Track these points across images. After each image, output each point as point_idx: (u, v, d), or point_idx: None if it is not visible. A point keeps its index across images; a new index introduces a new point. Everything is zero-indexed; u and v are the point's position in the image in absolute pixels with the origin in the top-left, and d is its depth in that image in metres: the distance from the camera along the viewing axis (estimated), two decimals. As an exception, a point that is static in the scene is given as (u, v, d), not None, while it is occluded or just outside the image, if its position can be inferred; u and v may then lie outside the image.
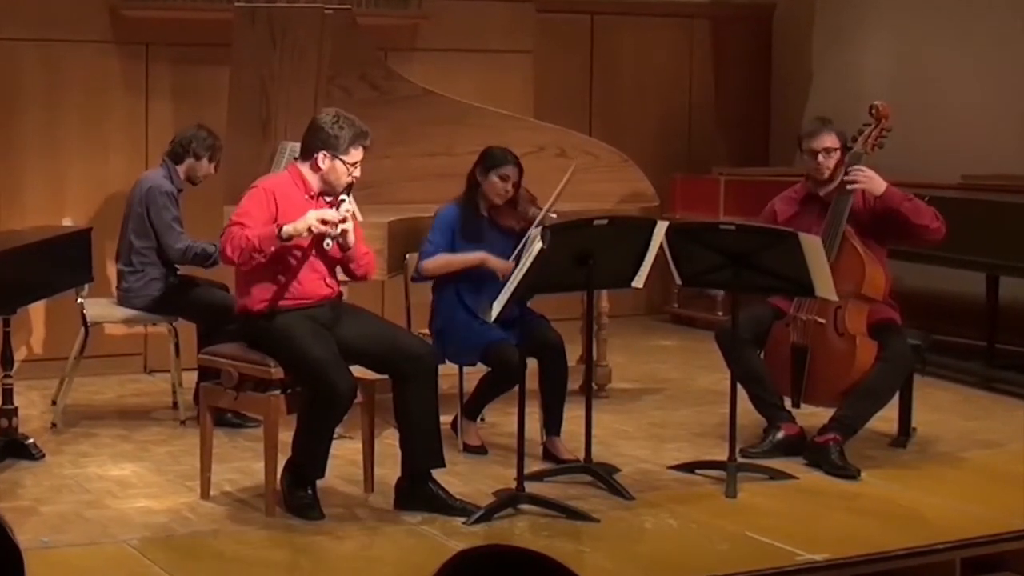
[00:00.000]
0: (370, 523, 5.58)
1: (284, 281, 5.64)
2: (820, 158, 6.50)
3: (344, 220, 5.57)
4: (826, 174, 6.51)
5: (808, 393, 6.48)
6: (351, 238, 5.63)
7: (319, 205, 5.67)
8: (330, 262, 5.76)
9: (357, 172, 5.68)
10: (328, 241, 5.56)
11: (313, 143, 5.66)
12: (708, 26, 10.76)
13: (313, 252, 5.66)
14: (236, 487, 6.02)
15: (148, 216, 7.04)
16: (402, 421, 5.72)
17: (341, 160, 5.63)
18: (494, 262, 6.40)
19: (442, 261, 6.48)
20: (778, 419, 6.52)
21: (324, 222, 5.52)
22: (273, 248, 5.51)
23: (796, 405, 6.55)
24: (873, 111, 6.62)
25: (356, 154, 5.65)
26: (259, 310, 5.65)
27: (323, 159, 5.63)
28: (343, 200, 5.62)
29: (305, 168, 5.69)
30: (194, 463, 6.04)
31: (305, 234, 5.54)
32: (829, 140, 6.52)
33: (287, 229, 5.50)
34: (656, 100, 10.52)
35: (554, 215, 6.50)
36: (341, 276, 5.90)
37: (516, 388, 5.82)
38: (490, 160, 6.55)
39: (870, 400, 6.37)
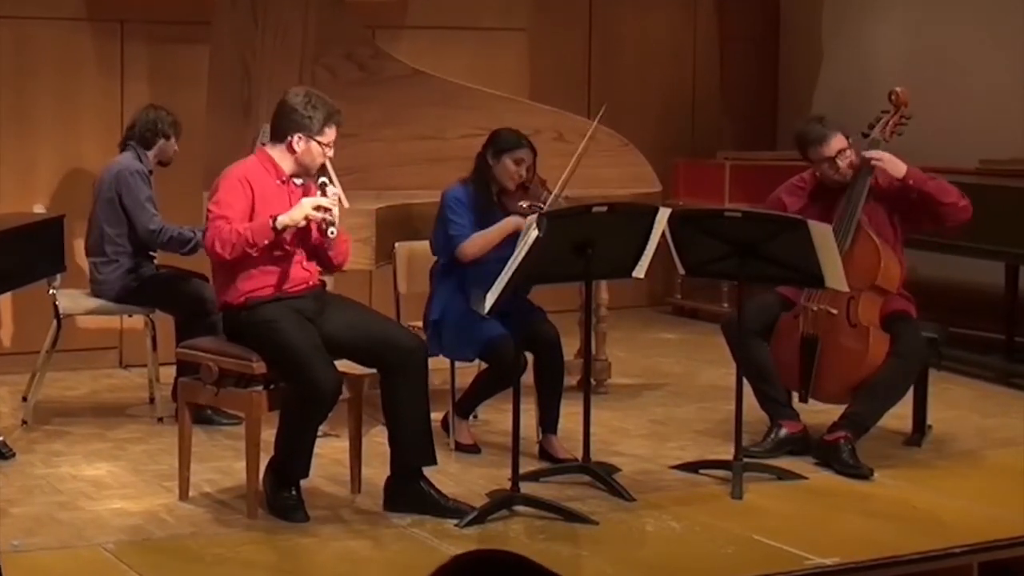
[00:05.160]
0: (357, 525, 5.59)
1: (265, 272, 5.64)
2: (839, 162, 6.47)
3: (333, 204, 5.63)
4: (848, 176, 6.48)
5: (817, 387, 6.49)
6: (337, 223, 5.67)
7: (291, 189, 5.71)
8: (309, 248, 5.78)
9: (331, 152, 5.73)
10: (332, 229, 5.60)
11: (286, 125, 5.68)
12: (713, 2, 10.76)
13: (295, 241, 5.68)
14: (216, 488, 6.02)
15: (120, 200, 7.03)
16: (391, 417, 5.73)
17: (316, 141, 5.66)
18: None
19: (482, 239, 6.39)
20: (781, 416, 6.53)
21: (319, 208, 5.56)
22: (267, 241, 5.54)
23: (803, 400, 6.56)
24: (892, 97, 6.62)
25: (330, 134, 5.69)
26: (242, 301, 5.66)
27: (298, 141, 5.66)
28: (324, 183, 5.66)
29: (277, 152, 5.71)
30: (172, 462, 6.04)
31: (301, 223, 5.57)
32: (838, 142, 6.47)
33: (282, 220, 5.53)
34: (658, 81, 10.52)
35: (563, 200, 6.52)
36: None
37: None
38: (502, 143, 6.50)
39: (882, 397, 6.38)
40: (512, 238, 6.31)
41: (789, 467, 6.26)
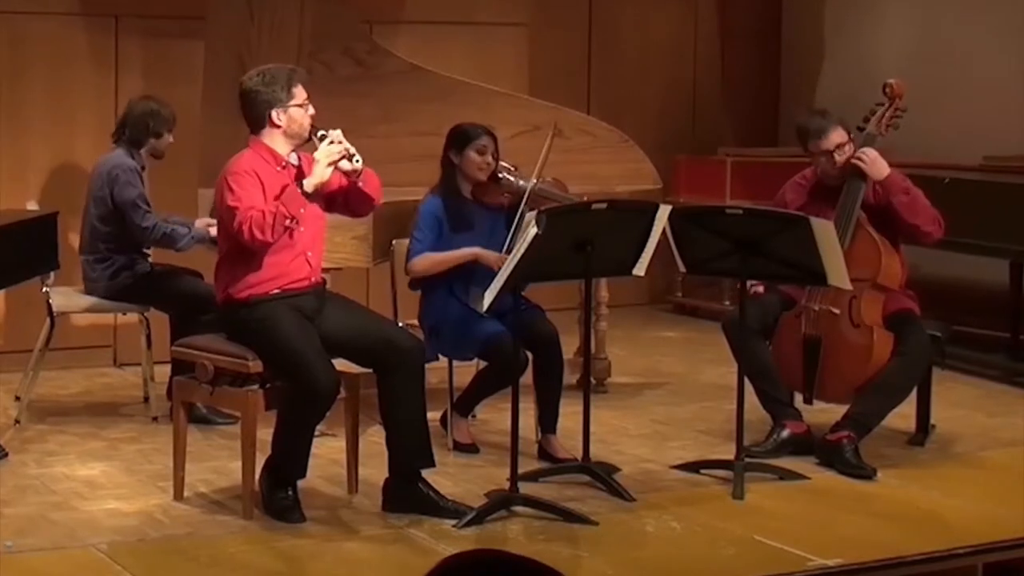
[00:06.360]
0: (354, 526, 5.58)
1: (271, 266, 5.64)
2: (836, 156, 6.47)
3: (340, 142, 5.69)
4: (846, 172, 6.47)
5: (821, 388, 6.48)
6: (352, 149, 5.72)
7: (289, 172, 5.74)
8: (340, 199, 5.80)
9: (311, 109, 5.77)
10: (357, 157, 5.67)
11: (259, 111, 5.72)
12: (714, -2, 10.77)
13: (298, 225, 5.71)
14: (211, 488, 6.02)
15: (112, 197, 7.01)
16: (388, 419, 5.72)
17: (293, 107, 5.70)
18: (488, 257, 6.32)
19: (430, 261, 6.42)
20: (784, 416, 6.51)
21: (333, 155, 5.64)
22: (302, 209, 5.61)
23: (808, 401, 6.55)
24: (887, 90, 6.62)
25: (300, 92, 5.75)
26: (243, 298, 5.65)
27: (277, 116, 5.70)
28: (322, 134, 5.68)
29: (266, 136, 5.73)
30: (167, 462, 6.03)
31: (327, 176, 5.65)
32: (837, 136, 6.48)
33: (309, 182, 5.65)
34: (659, 76, 10.50)
35: (541, 183, 6.53)
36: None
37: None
38: (461, 137, 6.54)
39: (886, 396, 6.37)
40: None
41: (791, 467, 6.25)
